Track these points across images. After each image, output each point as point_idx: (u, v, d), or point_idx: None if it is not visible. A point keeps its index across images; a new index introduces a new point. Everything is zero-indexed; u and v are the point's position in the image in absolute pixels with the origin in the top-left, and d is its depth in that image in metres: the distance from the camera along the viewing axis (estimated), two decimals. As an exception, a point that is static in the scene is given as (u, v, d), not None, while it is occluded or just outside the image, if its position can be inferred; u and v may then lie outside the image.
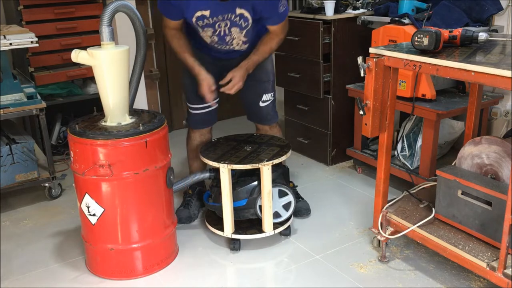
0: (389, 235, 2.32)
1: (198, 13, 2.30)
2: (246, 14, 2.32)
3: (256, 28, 2.45)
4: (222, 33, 2.39)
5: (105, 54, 2.12)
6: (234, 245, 2.48)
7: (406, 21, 2.78)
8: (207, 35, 2.42)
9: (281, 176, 2.56)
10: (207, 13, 2.29)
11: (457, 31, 2.03)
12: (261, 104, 2.69)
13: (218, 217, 2.54)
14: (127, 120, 2.27)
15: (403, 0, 2.93)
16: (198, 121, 2.72)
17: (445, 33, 2.00)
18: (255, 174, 2.45)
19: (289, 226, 2.57)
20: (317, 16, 3.19)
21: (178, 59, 2.55)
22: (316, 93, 3.31)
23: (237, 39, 2.45)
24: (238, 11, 2.29)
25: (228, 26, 2.36)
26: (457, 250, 2.03)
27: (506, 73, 1.64)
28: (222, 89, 2.49)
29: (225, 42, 2.45)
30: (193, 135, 2.76)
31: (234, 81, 2.46)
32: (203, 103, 2.62)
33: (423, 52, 1.96)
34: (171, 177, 2.34)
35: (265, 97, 2.68)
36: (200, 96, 2.58)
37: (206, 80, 2.47)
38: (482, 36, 2.03)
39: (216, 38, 2.43)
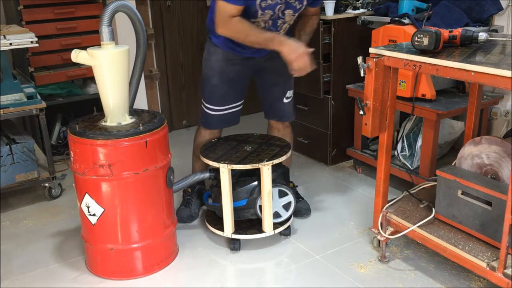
0: (389, 235, 2.32)
1: None
2: None
3: None
4: (277, 16, 2.36)
5: (105, 54, 2.12)
6: (234, 245, 2.48)
7: (406, 21, 2.78)
8: (262, 19, 2.36)
9: (281, 176, 2.55)
10: None
11: (457, 31, 2.03)
12: (285, 101, 2.69)
13: (218, 217, 2.54)
14: (127, 120, 2.27)
15: (403, 0, 2.93)
16: (215, 122, 2.65)
17: (445, 33, 2.00)
18: (255, 174, 2.45)
19: (289, 226, 2.57)
20: (317, 16, 3.19)
21: (177, 58, 2.53)
22: (316, 93, 3.31)
23: (287, 24, 2.45)
24: None
25: (283, 8, 2.34)
26: (457, 250, 2.03)
27: (506, 73, 1.64)
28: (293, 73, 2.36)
29: (276, 26, 2.42)
30: (204, 132, 2.70)
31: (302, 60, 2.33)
32: (229, 103, 2.61)
33: (423, 52, 1.96)
34: (171, 177, 2.34)
35: (289, 93, 2.69)
36: (227, 96, 2.57)
37: (303, 49, 2.28)
38: (482, 36, 2.03)
39: (270, 22, 2.39)
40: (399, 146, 3.01)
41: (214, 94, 2.59)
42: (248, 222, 2.52)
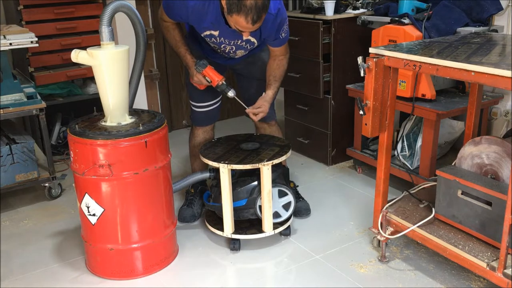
0: (389, 235, 2.32)
1: (207, 32, 2.37)
2: (253, 39, 2.40)
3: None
4: (227, 50, 2.48)
5: (105, 54, 2.12)
6: (234, 245, 2.48)
7: (406, 21, 2.78)
8: (212, 45, 2.50)
9: (281, 176, 2.55)
10: (216, 33, 2.36)
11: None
12: None
13: (218, 217, 2.54)
14: (127, 120, 2.27)
15: (403, 0, 2.93)
16: (202, 118, 2.75)
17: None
18: (255, 174, 2.45)
19: (289, 226, 2.57)
20: (317, 16, 3.19)
21: (177, 58, 2.57)
22: (316, 93, 3.30)
23: (240, 54, 2.56)
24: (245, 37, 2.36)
25: (234, 49, 2.46)
26: (457, 250, 2.03)
27: (506, 73, 1.64)
28: (247, 110, 2.53)
29: (229, 55, 2.55)
30: (196, 132, 2.79)
31: (263, 109, 2.51)
32: (207, 101, 2.70)
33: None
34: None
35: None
36: (203, 95, 2.65)
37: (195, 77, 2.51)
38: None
39: (220, 51, 2.52)
40: (399, 146, 3.01)
41: (192, 90, 2.69)
42: (248, 222, 2.52)
